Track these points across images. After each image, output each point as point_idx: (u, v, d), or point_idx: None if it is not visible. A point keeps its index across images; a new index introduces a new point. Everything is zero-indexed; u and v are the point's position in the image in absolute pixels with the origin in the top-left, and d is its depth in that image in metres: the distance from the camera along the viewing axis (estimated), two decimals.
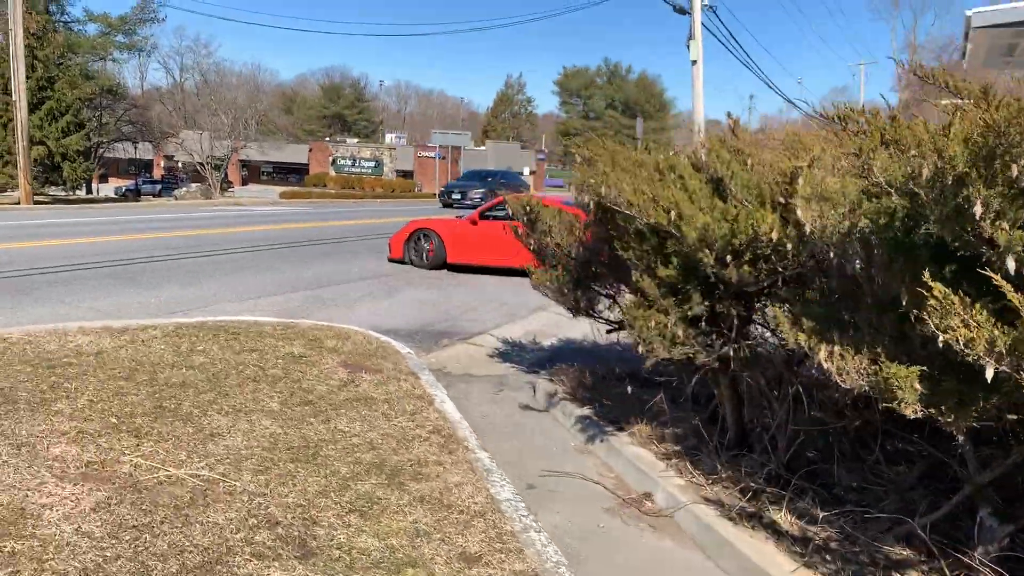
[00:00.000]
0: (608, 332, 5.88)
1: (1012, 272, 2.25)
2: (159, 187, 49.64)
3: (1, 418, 4.12)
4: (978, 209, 2.30)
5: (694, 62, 22.81)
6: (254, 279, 11.16)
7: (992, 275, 2.25)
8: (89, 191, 42.01)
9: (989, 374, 2.26)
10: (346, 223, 22.44)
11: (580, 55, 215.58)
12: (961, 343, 2.28)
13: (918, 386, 2.50)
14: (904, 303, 2.57)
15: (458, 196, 32.90)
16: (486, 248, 13.14)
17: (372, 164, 45.07)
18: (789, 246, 3.21)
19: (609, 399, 5.57)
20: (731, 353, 3.74)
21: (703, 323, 3.76)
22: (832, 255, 2.97)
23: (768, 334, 3.95)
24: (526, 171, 64.31)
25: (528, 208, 5.59)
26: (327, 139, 72.13)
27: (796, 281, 3.41)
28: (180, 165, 52.56)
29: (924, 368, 2.52)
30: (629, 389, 5.46)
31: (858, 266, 2.95)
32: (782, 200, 3.32)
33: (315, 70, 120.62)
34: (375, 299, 10.20)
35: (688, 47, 22.77)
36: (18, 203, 26.74)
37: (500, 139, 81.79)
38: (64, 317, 7.86)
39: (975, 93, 2.49)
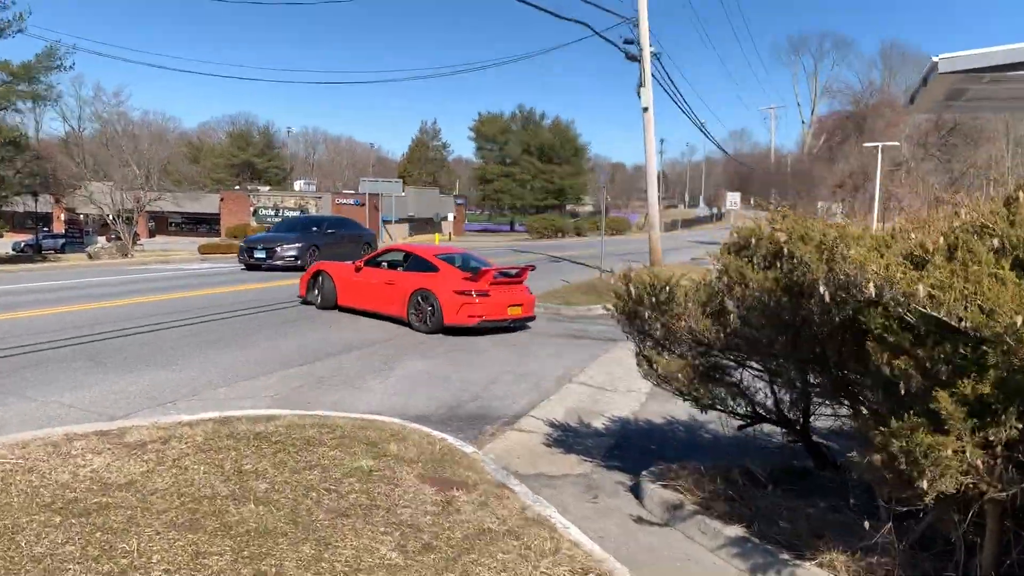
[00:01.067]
0: (742, 427, 5.07)
1: None
2: (61, 242, 46.60)
3: None
4: None
5: (645, 109, 22.64)
6: (234, 355, 9.92)
7: None
8: None
9: None
10: (293, 281, 21.11)
11: (495, 100, 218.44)
12: None
13: None
14: None
15: (262, 255, 23.18)
16: (367, 294, 13.67)
17: (296, 214, 43.39)
18: None
19: (756, 508, 4.73)
20: None
21: (1000, 448, 3.00)
22: None
23: None
24: (450, 216, 63.65)
25: (657, 287, 4.76)
26: (237, 187, 69.71)
27: None
28: (83, 218, 49.54)
29: None
30: (810, 509, 4.59)
31: None
32: None
33: (219, 118, 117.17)
34: (378, 375, 9.14)
35: (639, 94, 22.60)
36: None
37: (416, 185, 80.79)
38: (39, 418, 6.57)
39: None
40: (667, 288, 4.69)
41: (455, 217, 70.12)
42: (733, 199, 39.71)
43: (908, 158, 40.19)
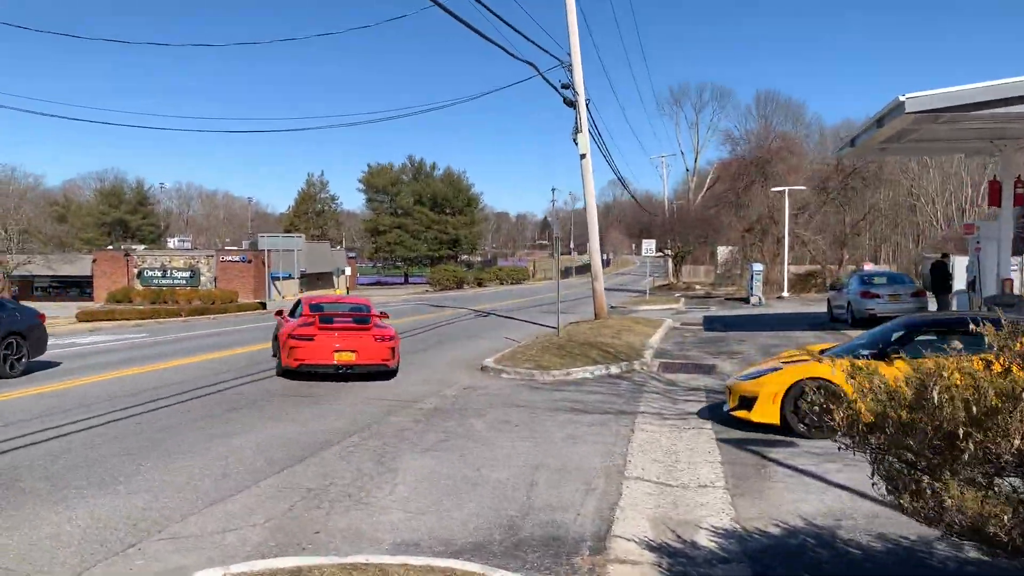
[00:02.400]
0: None
1: None
2: None
3: None
4: None
5: (583, 156, 21.56)
6: (184, 464, 7.75)
7: None
8: None
9: None
10: (220, 354, 18.62)
11: (384, 152, 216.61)
12: None
13: None
14: None
15: None
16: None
17: (187, 274, 39.96)
18: None
19: None
20: None
21: None
22: None
23: None
24: (347, 270, 60.92)
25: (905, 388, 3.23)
26: (111, 247, 64.83)
27: None
28: None
29: None
30: None
31: None
32: None
33: (86, 174, 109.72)
34: (380, 481, 7.22)
35: (575, 141, 21.51)
36: None
37: (306, 239, 77.49)
38: None
39: None
40: (988, 401, 3.15)
41: (351, 271, 67.38)
42: (648, 246, 39.26)
43: (811, 202, 41.02)
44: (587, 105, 22.34)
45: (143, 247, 65.20)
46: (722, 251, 53.69)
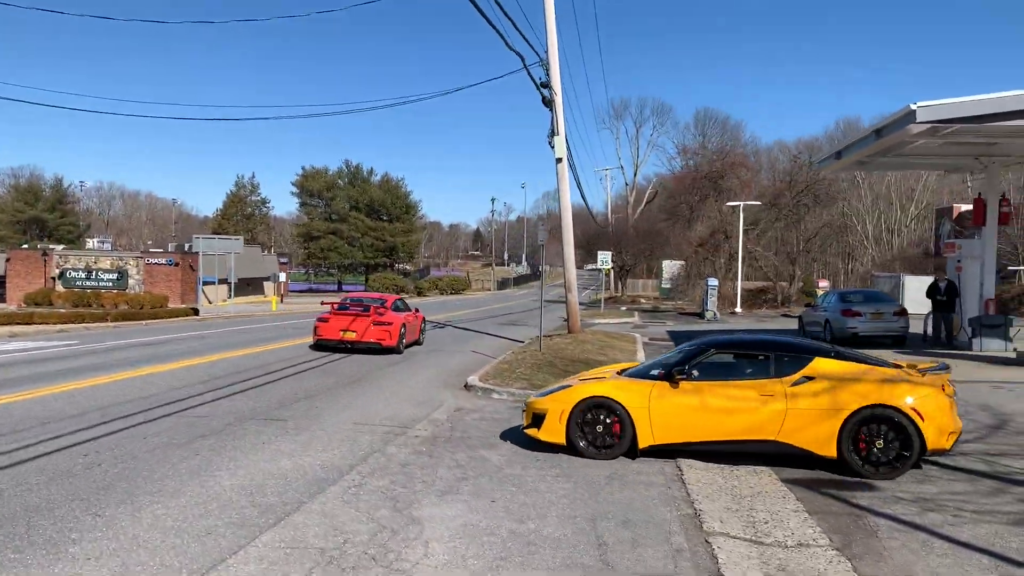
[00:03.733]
0: None
1: None
2: None
3: None
4: None
5: (559, 160, 20.38)
6: (165, 511, 6.16)
7: None
8: None
9: None
10: (168, 366, 16.74)
11: (319, 155, 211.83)
12: None
13: None
14: None
15: None
16: None
17: (114, 276, 37.11)
18: None
19: None
20: None
21: None
22: None
23: None
24: (282, 276, 58.34)
25: None
26: (26, 246, 60.82)
27: None
28: None
29: None
30: None
31: None
32: None
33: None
34: (406, 535, 5.80)
35: (551, 144, 20.31)
36: None
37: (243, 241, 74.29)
38: None
39: None
40: None
41: (284, 277, 64.72)
42: (604, 257, 38.36)
43: (762, 218, 40.83)
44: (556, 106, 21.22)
45: (61, 247, 61.38)
46: (668, 265, 53.30)
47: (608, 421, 8.29)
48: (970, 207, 52.89)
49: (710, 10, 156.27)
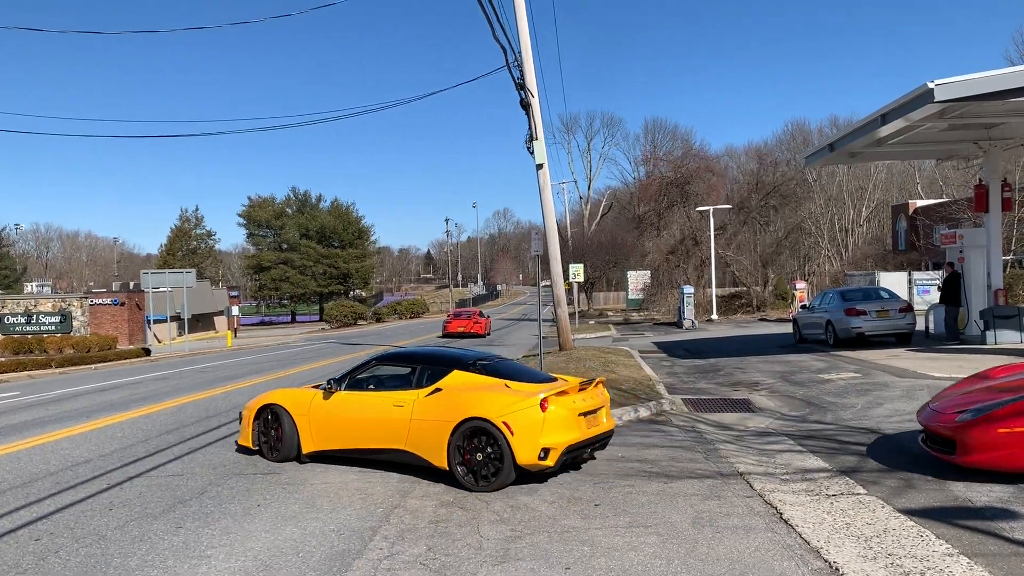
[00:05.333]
0: None
1: None
2: None
3: None
4: None
5: (540, 166, 19.10)
6: None
7: None
8: None
9: None
10: (127, 415, 14.94)
11: (264, 183, 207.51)
12: None
13: None
14: None
15: None
16: None
17: (57, 319, 34.60)
18: None
19: None
20: None
21: None
22: None
23: None
24: (235, 310, 55.98)
25: None
26: None
27: None
28: None
29: None
30: None
31: None
32: None
33: None
34: None
35: (531, 150, 19.03)
36: None
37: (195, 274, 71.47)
38: None
39: None
40: None
41: (238, 311, 62.24)
42: (576, 269, 37.18)
43: (730, 221, 40.13)
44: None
45: (2, 292, 58.11)
46: (633, 276, 52.34)
47: (276, 426, 9.10)
48: (926, 203, 52.86)
49: (649, 22, 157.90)
